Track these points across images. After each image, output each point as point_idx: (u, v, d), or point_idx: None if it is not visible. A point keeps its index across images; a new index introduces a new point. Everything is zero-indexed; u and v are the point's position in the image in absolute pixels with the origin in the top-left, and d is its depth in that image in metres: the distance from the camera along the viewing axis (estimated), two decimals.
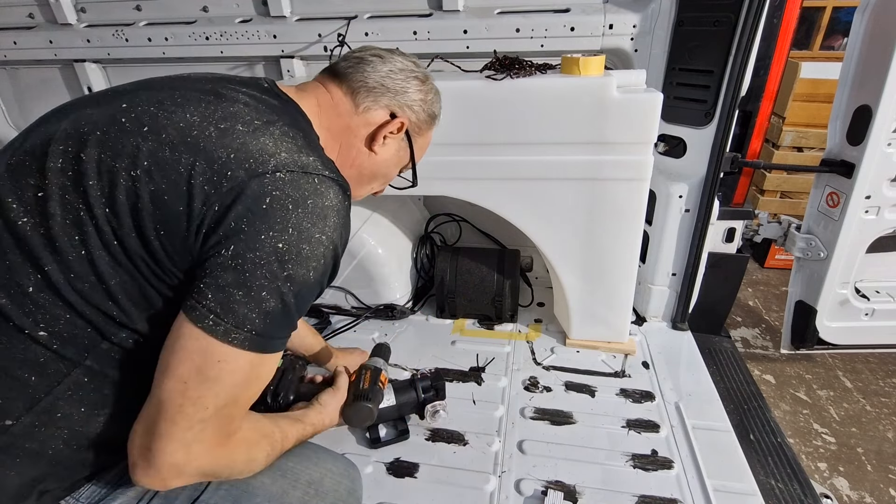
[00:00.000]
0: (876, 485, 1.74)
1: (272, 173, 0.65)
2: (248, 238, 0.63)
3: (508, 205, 1.45)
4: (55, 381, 0.64)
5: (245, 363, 0.65)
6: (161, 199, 0.63)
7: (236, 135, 0.67)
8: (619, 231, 1.42)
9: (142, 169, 0.63)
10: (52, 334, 0.63)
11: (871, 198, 1.46)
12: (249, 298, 0.63)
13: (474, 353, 1.59)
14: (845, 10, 3.52)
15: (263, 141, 0.68)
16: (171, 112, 0.68)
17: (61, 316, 0.63)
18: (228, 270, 0.62)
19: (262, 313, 0.64)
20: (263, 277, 0.63)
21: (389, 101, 0.88)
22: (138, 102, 0.70)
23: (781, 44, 1.37)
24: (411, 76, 0.90)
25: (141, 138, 0.65)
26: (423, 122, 0.95)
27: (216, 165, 0.64)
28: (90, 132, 0.67)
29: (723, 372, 1.54)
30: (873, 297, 1.67)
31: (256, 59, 1.84)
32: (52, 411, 0.64)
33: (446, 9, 1.62)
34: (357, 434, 1.31)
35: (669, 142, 1.56)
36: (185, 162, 0.64)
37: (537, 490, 1.15)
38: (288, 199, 0.65)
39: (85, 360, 0.65)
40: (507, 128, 1.34)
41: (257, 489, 0.81)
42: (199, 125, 0.67)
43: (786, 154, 2.95)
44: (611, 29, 1.53)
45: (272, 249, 0.63)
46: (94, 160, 0.64)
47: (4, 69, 2.10)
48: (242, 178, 0.64)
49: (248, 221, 0.63)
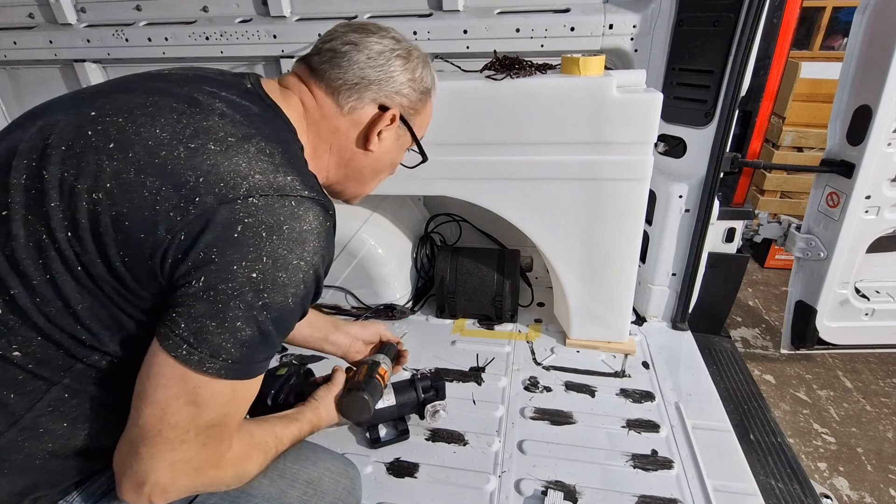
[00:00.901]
0: (876, 485, 1.74)
1: (244, 199, 0.61)
2: (220, 269, 0.59)
3: (508, 205, 1.45)
4: (35, 399, 0.63)
5: (223, 389, 0.63)
6: (122, 225, 0.59)
7: (207, 154, 0.62)
8: (619, 231, 1.42)
9: (104, 191, 0.60)
10: (26, 355, 0.61)
11: (871, 198, 1.46)
12: (223, 329, 0.60)
13: (474, 353, 1.59)
14: (845, 10, 3.52)
15: (236, 161, 0.63)
16: (139, 126, 0.64)
17: (33, 338, 0.61)
18: (201, 301, 0.59)
19: (237, 343, 0.61)
20: (237, 308, 0.60)
21: (375, 94, 0.80)
22: (108, 111, 0.65)
23: (781, 44, 1.36)
24: (392, 56, 0.80)
25: (106, 156, 0.61)
26: (416, 102, 0.86)
27: (183, 190, 0.60)
28: (54, 145, 0.62)
29: (723, 372, 1.54)
30: (873, 297, 1.67)
31: (256, 59, 1.84)
32: (35, 427, 0.63)
33: (446, 9, 1.62)
34: (357, 434, 1.31)
35: (669, 142, 1.56)
36: (151, 186, 0.60)
37: (537, 490, 1.15)
38: (261, 225, 0.61)
39: (63, 379, 0.64)
40: (507, 128, 1.34)
41: (255, 490, 0.81)
42: (167, 143, 0.62)
43: (786, 154, 2.95)
44: (611, 29, 1.53)
45: (246, 280, 0.60)
46: (57, 178, 0.61)
47: (4, 69, 2.10)
48: (211, 204, 0.59)
49: (219, 251, 0.59)
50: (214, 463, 0.68)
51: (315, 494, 0.88)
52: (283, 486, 0.84)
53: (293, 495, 0.85)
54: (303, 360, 1.59)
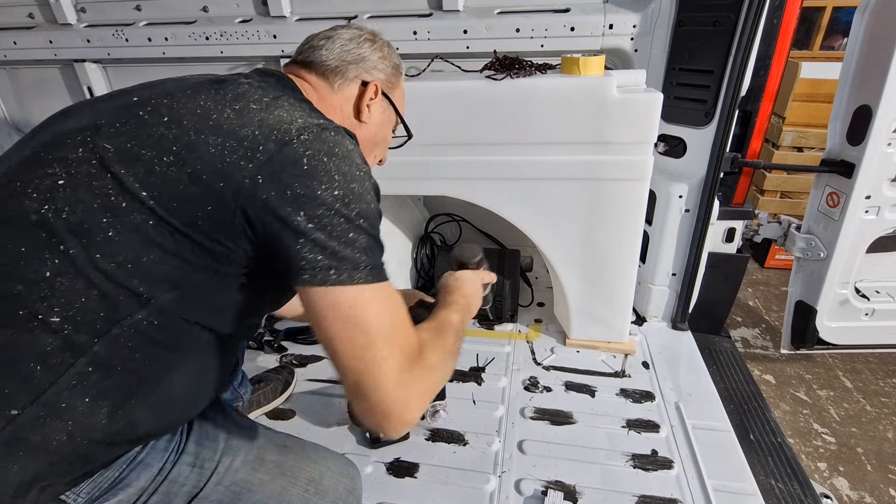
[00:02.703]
0: (876, 485, 1.74)
1: (297, 137, 0.70)
2: (309, 199, 0.67)
3: (508, 205, 1.45)
4: (60, 372, 0.64)
5: (375, 294, 0.69)
6: (200, 178, 0.66)
7: (252, 113, 0.71)
8: (619, 231, 1.42)
9: (173, 154, 0.67)
10: (65, 318, 0.64)
11: (871, 198, 1.46)
12: (346, 244, 0.68)
13: (474, 353, 1.59)
14: (845, 10, 3.52)
15: (278, 114, 0.72)
16: (183, 103, 0.72)
17: (77, 300, 0.64)
18: (314, 231, 0.66)
19: (362, 250, 0.69)
20: (341, 224, 0.68)
21: (356, 72, 0.92)
22: (150, 96, 0.73)
23: (781, 44, 1.37)
24: (361, 41, 0.94)
25: (164, 128, 0.69)
26: (391, 76, 0.98)
27: (245, 143, 0.68)
28: (108, 124, 0.70)
29: (723, 372, 1.54)
30: (873, 297, 1.67)
31: (256, 59, 1.84)
32: (57, 402, 0.64)
33: (446, 9, 1.62)
34: (357, 434, 1.32)
35: (669, 142, 1.56)
36: (213, 143, 0.67)
37: (537, 490, 1.15)
38: (320, 153, 0.70)
39: (93, 347, 0.65)
40: (507, 128, 1.34)
41: (257, 486, 0.81)
42: (214, 109, 0.71)
43: (786, 154, 2.95)
44: (611, 29, 1.53)
45: (333, 199, 0.68)
46: (121, 149, 0.67)
47: (4, 69, 2.10)
48: (274, 149, 0.68)
49: (300, 184, 0.67)
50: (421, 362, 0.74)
51: (316, 493, 0.88)
52: (285, 484, 0.85)
53: (294, 493, 0.85)
54: (302, 361, 1.60)
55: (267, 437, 0.90)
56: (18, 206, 0.66)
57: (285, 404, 1.43)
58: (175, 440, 0.78)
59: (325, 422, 1.36)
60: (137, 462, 0.73)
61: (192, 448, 0.79)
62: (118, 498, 0.72)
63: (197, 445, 0.79)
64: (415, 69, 1.51)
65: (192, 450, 0.78)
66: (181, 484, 0.76)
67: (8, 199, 0.67)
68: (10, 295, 0.63)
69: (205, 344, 0.75)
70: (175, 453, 0.77)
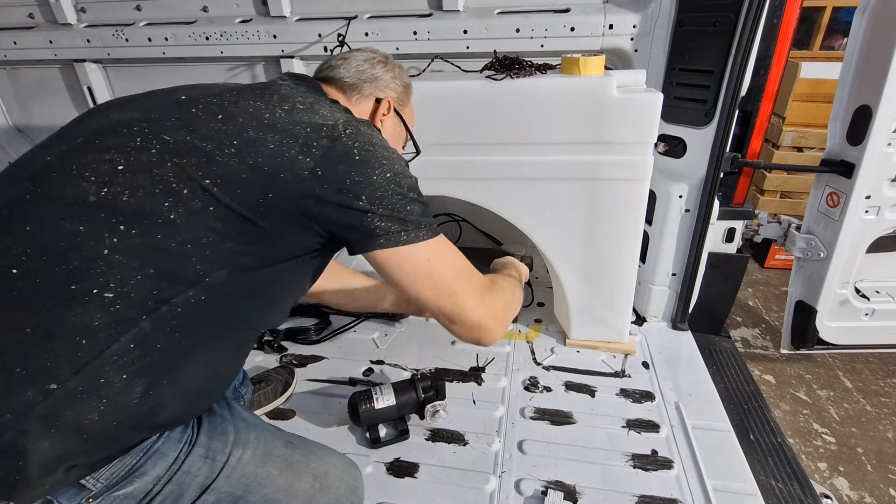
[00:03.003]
0: (876, 485, 1.74)
1: (343, 132, 0.79)
2: (366, 184, 0.78)
3: (508, 205, 1.45)
4: (105, 346, 0.66)
5: (439, 245, 0.86)
6: (262, 170, 0.73)
7: (299, 113, 0.80)
8: (619, 231, 1.42)
9: (234, 147, 0.74)
10: (118, 294, 0.67)
11: (871, 198, 1.46)
12: (406, 212, 0.81)
13: (474, 353, 1.59)
14: (845, 10, 3.52)
15: (322, 113, 0.82)
16: (233, 102, 0.79)
17: (133, 276, 0.68)
18: (378, 208, 0.78)
19: (419, 214, 0.83)
20: (398, 198, 0.80)
21: (371, 90, 1.03)
22: (198, 96, 0.80)
23: (781, 44, 1.37)
24: (375, 63, 1.04)
25: (220, 124, 0.76)
26: (402, 95, 1.09)
27: (300, 139, 0.76)
28: (163, 118, 0.76)
29: (723, 372, 1.54)
30: (873, 297, 1.67)
31: (256, 59, 1.84)
32: (97, 377, 0.66)
33: (446, 9, 1.62)
34: (357, 434, 1.32)
35: (669, 142, 1.56)
36: (271, 140, 0.75)
37: (537, 490, 1.15)
38: (366, 144, 0.80)
39: (140, 323, 0.68)
40: (506, 128, 1.34)
41: (265, 480, 0.83)
42: (265, 109, 0.79)
43: (786, 154, 2.95)
44: (611, 29, 1.53)
45: (385, 181, 0.79)
46: (180, 141, 0.73)
47: (4, 69, 2.10)
48: (327, 144, 0.77)
49: (358, 172, 0.78)
50: (493, 286, 0.97)
51: (321, 490, 0.89)
52: (292, 479, 0.86)
53: (301, 488, 0.87)
54: (302, 361, 1.60)
55: (273, 433, 0.92)
56: (75, 187, 0.69)
57: (285, 404, 1.43)
58: (188, 432, 0.80)
59: (325, 422, 1.37)
60: (154, 451, 0.75)
61: (204, 440, 0.80)
62: (134, 486, 0.73)
63: (208, 438, 0.81)
64: (415, 69, 1.51)
65: (203, 442, 0.80)
66: (194, 475, 0.77)
67: (64, 181, 0.70)
68: (65, 270, 0.66)
69: (237, 327, 0.81)
70: (188, 445, 0.78)
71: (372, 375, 1.54)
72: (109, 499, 0.72)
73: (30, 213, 0.69)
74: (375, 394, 1.26)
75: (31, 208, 0.69)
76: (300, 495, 0.86)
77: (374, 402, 1.25)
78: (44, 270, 0.66)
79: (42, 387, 0.64)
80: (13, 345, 0.64)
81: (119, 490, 0.72)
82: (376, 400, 1.25)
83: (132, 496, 0.73)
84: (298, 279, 0.89)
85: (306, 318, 1.76)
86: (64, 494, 0.69)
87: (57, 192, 0.70)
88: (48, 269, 0.66)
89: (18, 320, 0.64)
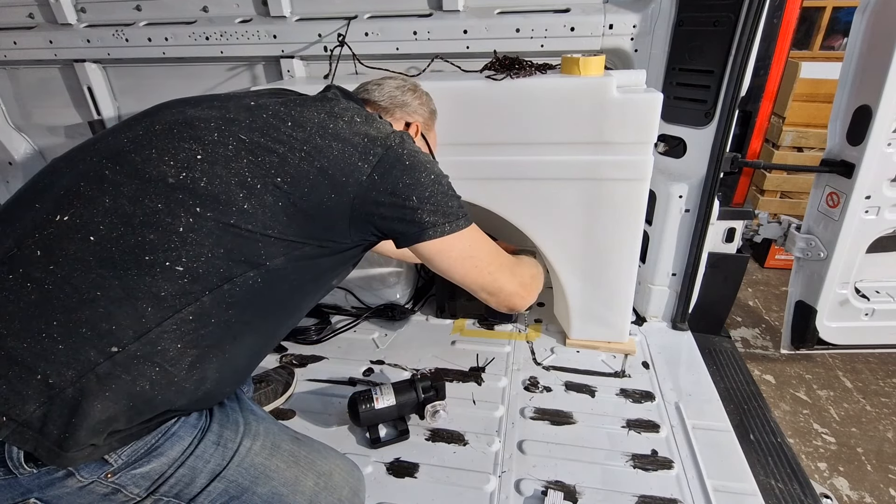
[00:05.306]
0: (876, 485, 1.74)
1: (394, 141, 0.90)
2: (416, 185, 0.89)
3: (508, 205, 1.45)
4: (167, 315, 0.72)
5: (474, 232, 0.99)
6: (327, 173, 0.83)
7: (357, 125, 0.90)
8: (619, 231, 1.42)
9: (304, 151, 0.82)
10: (188, 269, 0.73)
11: (871, 198, 1.46)
12: (447, 206, 0.93)
13: (474, 353, 1.59)
14: (845, 10, 3.51)
15: (375, 125, 0.92)
16: (299, 112, 0.88)
17: (204, 254, 0.74)
18: (426, 205, 0.90)
19: (456, 207, 0.95)
20: (440, 195, 0.92)
21: (401, 114, 1.14)
22: (266, 104, 0.89)
23: (781, 44, 1.36)
24: (405, 90, 1.16)
25: (290, 129, 0.84)
26: (428, 120, 1.20)
27: (359, 148, 0.86)
28: (238, 120, 0.84)
29: (723, 372, 1.54)
30: (873, 297, 1.67)
31: (256, 59, 1.84)
32: (156, 343, 0.71)
33: (446, 9, 1.62)
34: (357, 434, 1.32)
35: (669, 142, 1.56)
36: (335, 147, 0.85)
37: (537, 490, 1.15)
38: (412, 152, 0.92)
39: (202, 297, 0.74)
40: (507, 128, 1.34)
41: (273, 472, 0.85)
42: (329, 119, 0.88)
43: (786, 154, 2.95)
44: (611, 29, 1.53)
45: (430, 181, 0.91)
46: (255, 141, 0.81)
47: (4, 69, 2.10)
48: (382, 153, 0.87)
49: (408, 175, 0.88)
50: (521, 262, 1.17)
51: (326, 488, 0.90)
52: (298, 474, 0.88)
53: (306, 484, 0.88)
54: (302, 361, 1.60)
55: (280, 428, 0.93)
56: (156, 168, 0.76)
57: (285, 404, 1.43)
58: (202, 419, 0.82)
59: (325, 422, 1.37)
60: (171, 433, 0.78)
61: (216, 428, 0.83)
62: (151, 465, 0.76)
63: (220, 426, 0.83)
64: (415, 69, 1.51)
65: (215, 429, 0.82)
66: (206, 461, 0.79)
67: (145, 163, 0.77)
68: (141, 242, 0.72)
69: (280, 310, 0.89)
70: (202, 431, 0.81)
71: (372, 375, 1.54)
72: (127, 476, 0.74)
73: (109, 187, 0.75)
74: (375, 394, 1.26)
75: (110, 184, 0.75)
76: (305, 492, 0.87)
77: (374, 402, 1.25)
78: (120, 240, 0.72)
79: (105, 349, 0.69)
80: (84, 306, 0.69)
81: (137, 469, 0.75)
82: (376, 400, 1.25)
83: (148, 476, 0.75)
84: (343, 269, 1.00)
85: (306, 318, 1.76)
86: (86, 468, 0.71)
87: (137, 171, 0.76)
88: (125, 240, 0.72)
89: (91, 284, 0.69)
